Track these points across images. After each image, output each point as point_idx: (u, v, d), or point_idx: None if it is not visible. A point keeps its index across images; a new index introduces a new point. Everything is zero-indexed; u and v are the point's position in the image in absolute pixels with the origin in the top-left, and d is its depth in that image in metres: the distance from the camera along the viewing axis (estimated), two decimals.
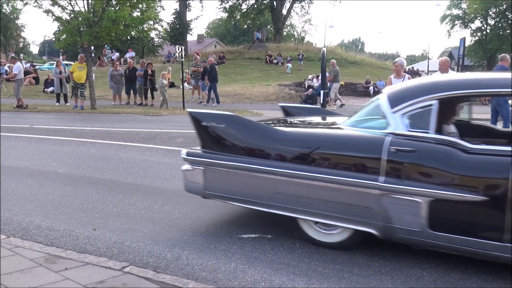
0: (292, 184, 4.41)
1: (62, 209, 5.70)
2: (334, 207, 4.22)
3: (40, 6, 19.03)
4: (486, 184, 3.64)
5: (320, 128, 5.14)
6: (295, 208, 4.46)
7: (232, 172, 4.72)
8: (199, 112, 5.00)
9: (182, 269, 3.99)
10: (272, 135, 4.62)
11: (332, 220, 4.29)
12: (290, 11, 52.77)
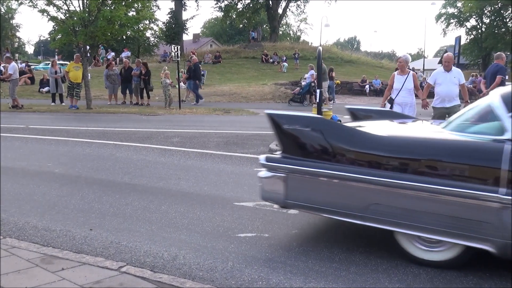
0: (392, 194, 4.00)
1: (59, 209, 5.68)
2: (443, 221, 3.79)
3: (35, 6, 18.98)
4: None
5: (419, 133, 4.69)
6: (394, 221, 4.02)
7: (319, 180, 4.34)
8: (280, 114, 4.60)
9: (179, 269, 3.99)
10: (367, 140, 4.21)
11: (440, 236, 3.86)
12: (286, 10, 52.79)
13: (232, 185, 6.90)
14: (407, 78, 9.50)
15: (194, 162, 8.57)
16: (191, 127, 13.33)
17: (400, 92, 9.51)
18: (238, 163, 8.49)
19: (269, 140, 10.39)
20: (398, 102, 9.49)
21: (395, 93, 9.59)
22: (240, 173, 7.69)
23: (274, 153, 4.81)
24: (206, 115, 17.45)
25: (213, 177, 7.42)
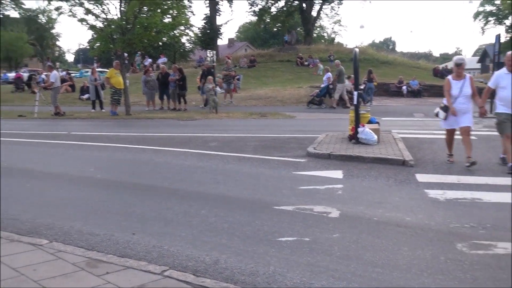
0: None
1: (101, 214, 5.79)
2: None
3: (75, 15, 19.43)
4: None
5: None
6: None
7: None
8: None
9: (221, 273, 4.00)
10: None
11: None
12: (319, 13, 52.46)
13: (270, 189, 6.90)
14: (465, 83, 8.49)
15: (232, 166, 8.60)
16: (228, 131, 13.39)
17: (458, 99, 8.50)
18: (276, 166, 8.47)
19: (307, 143, 10.35)
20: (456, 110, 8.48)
21: (451, 100, 8.56)
22: (278, 177, 7.68)
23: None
24: (243, 119, 17.50)
25: (252, 181, 7.43)
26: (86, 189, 7.06)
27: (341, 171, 8.04)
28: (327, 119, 17.65)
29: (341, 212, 5.70)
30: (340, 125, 13.33)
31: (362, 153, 9.10)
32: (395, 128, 13.25)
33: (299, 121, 16.97)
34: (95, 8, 19.27)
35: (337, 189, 6.86)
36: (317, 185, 7.08)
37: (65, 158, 9.74)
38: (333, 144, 10.25)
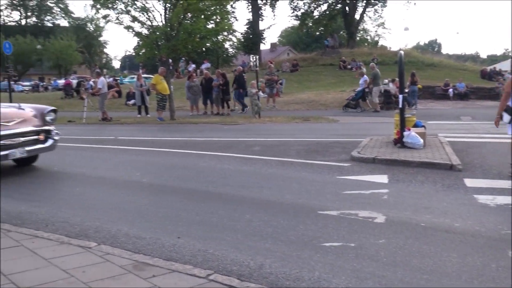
0: None
1: (148, 217, 5.88)
2: None
3: (121, 23, 19.89)
4: None
5: None
6: None
7: None
8: None
9: (266, 278, 4.00)
10: None
11: None
12: (362, 16, 52.00)
13: (314, 193, 6.85)
14: None
15: (275, 170, 8.59)
16: (271, 136, 13.40)
17: None
18: (320, 171, 8.41)
19: (350, 148, 10.23)
20: None
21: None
22: (322, 181, 7.62)
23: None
24: (285, 123, 17.48)
25: (295, 185, 7.40)
26: (133, 193, 7.19)
27: (386, 175, 7.91)
28: (371, 122, 17.43)
29: (387, 217, 5.60)
30: (385, 129, 13.13)
31: (408, 157, 8.93)
32: (442, 131, 12.96)
33: (342, 125, 16.82)
34: (141, 15, 19.69)
35: (382, 194, 6.76)
36: (362, 189, 6.99)
37: (112, 163, 9.96)
38: (378, 148, 10.10)
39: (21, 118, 8.58)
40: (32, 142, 8.65)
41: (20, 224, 5.57)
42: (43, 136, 8.83)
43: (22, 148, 8.37)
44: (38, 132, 8.77)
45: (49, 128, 9.00)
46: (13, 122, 8.35)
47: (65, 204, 6.50)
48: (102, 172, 8.87)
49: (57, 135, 9.14)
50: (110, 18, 20.49)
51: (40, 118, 8.91)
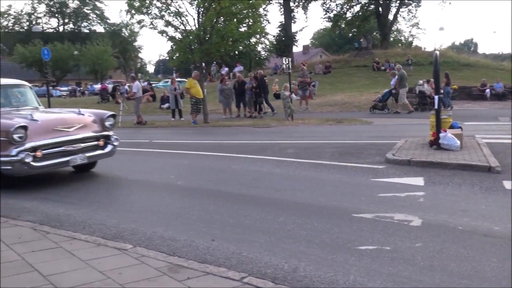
0: None
1: (182, 219, 5.93)
2: None
3: (156, 28, 20.15)
4: None
5: None
6: None
7: None
8: None
9: (300, 281, 3.97)
10: None
11: None
12: (396, 16, 51.35)
13: (349, 196, 6.79)
14: None
15: (309, 172, 8.55)
16: (305, 138, 13.35)
17: None
18: (354, 173, 8.33)
19: (385, 150, 10.10)
20: None
21: None
22: (356, 184, 7.54)
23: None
24: (319, 125, 17.39)
25: (329, 188, 7.35)
26: (167, 196, 7.27)
27: (422, 178, 7.78)
28: (405, 124, 17.17)
29: (423, 220, 5.51)
30: (420, 131, 12.92)
31: (444, 159, 8.76)
32: (479, 133, 12.65)
33: (376, 127, 16.63)
34: (174, 20, 19.91)
35: (418, 196, 6.64)
36: (397, 192, 6.89)
37: (147, 166, 10.09)
38: (413, 150, 9.94)
39: (81, 124, 8.45)
40: (92, 148, 8.54)
41: (58, 226, 5.70)
42: (103, 142, 8.72)
43: (83, 154, 8.25)
44: (98, 138, 8.65)
45: (108, 133, 8.86)
46: (73, 128, 8.26)
47: (101, 207, 6.61)
48: (138, 175, 8.99)
49: (117, 140, 9.01)
50: (145, 23, 20.79)
51: (99, 123, 8.78)
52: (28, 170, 7.60)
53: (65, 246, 4.84)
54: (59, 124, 8.17)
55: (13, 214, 6.30)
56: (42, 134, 7.77)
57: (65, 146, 8.01)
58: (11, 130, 7.33)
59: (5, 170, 7.53)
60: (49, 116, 8.69)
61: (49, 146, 7.81)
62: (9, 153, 7.38)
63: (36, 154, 7.56)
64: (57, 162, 7.99)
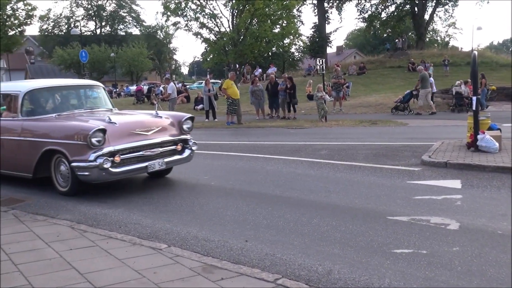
0: None
1: (216, 220, 5.96)
2: None
3: (190, 29, 20.37)
4: None
5: None
6: None
7: None
8: None
9: (335, 284, 3.94)
10: None
11: None
12: (432, 16, 50.46)
13: (384, 198, 6.70)
14: None
15: (343, 174, 8.48)
16: (338, 140, 13.24)
17: None
18: (389, 175, 8.22)
19: (421, 152, 9.94)
20: None
21: None
22: (392, 186, 7.44)
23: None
24: (353, 127, 17.24)
25: (364, 190, 7.26)
26: (201, 196, 7.30)
27: (459, 180, 7.62)
28: (441, 126, 16.87)
29: (460, 224, 5.39)
30: (456, 132, 12.67)
31: (483, 162, 8.56)
32: None
33: (412, 128, 16.38)
34: (209, 22, 20.10)
35: (455, 199, 6.51)
36: (433, 195, 6.76)
37: (180, 166, 10.12)
38: (450, 152, 9.75)
39: (159, 127, 7.89)
40: (170, 153, 8.00)
41: (95, 225, 5.81)
42: (181, 146, 8.18)
43: (161, 160, 7.72)
44: (176, 142, 8.12)
45: (186, 137, 8.29)
46: (152, 131, 7.71)
47: (136, 206, 6.69)
48: (171, 175, 9.06)
49: (195, 144, 8.41)
50: (180, 25, 21.05)
51: (177, 126, 8.22)
52: (106, 176, 7.10)
53: (101, 245, 4.93)
54: (138, 127, 7.63)
55: (52, 213, 6.46)
56: (120, 138, 7.28)
57: (143, 151, 7.50)
58: (90, 133, 6.83)
59: (82, 176, 7.09)
60: (126, 119, 8.20)
61: (127, 150, 7.31)
62: (86, 158, 6.91)
63: (114, 159, 7.08)
64: (136, 168, 7.48)
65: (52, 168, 7.54)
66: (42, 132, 7.59)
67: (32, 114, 8.04)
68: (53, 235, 5.32)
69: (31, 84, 8.72)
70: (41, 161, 7.51)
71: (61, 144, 7.18)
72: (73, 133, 7.12)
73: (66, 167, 7.27)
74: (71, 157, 7.05)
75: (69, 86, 9.13)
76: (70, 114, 8.15)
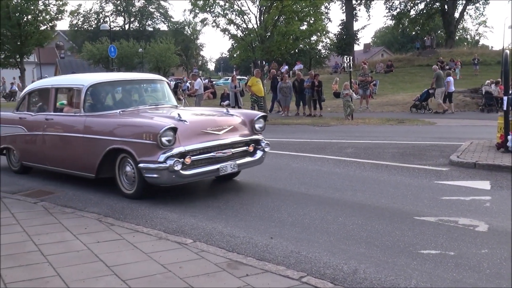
0: None
1: (241, 216, 5.97)
2: None
3: (218, 25, 20.43)
4: None
5: None
6: None
7: None
8: None
9: (360, 283, 3.91)
10: None
11: None
12: (463, 14, 49.65)
13: (411, 198, 6.62)
14: None
15: (369, 173, 8.41)
16: (365, 138, 13.13)
17: None
18: (416, 175, 8.12)
19: (449, 151, 9.79)
20: None
21: None
22: (419, 186, 7.34)
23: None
24: (379, 125, 17.08)
25: (390, 189, 7.19)
26: (226, 192, 7.30)
27: (488, 181, 7.49)
28: (470, 125, 16.61)
29: (489, 226, 5.30)
30: (486, 132, 12.46)
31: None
32: None
33: (440, 128, 16.15)
34: (236, 18, 20.13)
35: (484, 201, 6.40)
36: (461, 196, 6.66)
37: None
38: (479, 152, 9.58)
39: (231, 126, 7.25)
40: (241, 155, 7.34)
41: (122, 219, 5.87)
42: (252, 147, 7.51)
43: (233, 162, 7.07)
44: (247, 143, 7.46)
45: (258, 137, 7.62)
46: (223, 130, 7.07)
47: (162, 201, 6.74)
48: None
49: (267, 146, 7.71)
50: (207, 21, 21.15)
51: (249, 125, 7.57)
52: (176, 179, 6.49)
53: (128, 238, 4.98)
54: (209, 126, 6.98)
55: (80, 206, 6.56)
56: (191, 138, 6.66)
57: (214, 152, 6.85)
58: (160, 132, 6.24)
59: (150, 179, 6.53)
60: (197, 117, 7.55)
61: (198, 151, 6.70)
62: (155, 159, 6.33)
63: (185, 160, 6.46)
64: (207, 171, 6.80)
65: (116, 169, 7.01)
66: (107, 130, 6.99)
67: (95, 110, 7.53)
68: (81, 227, 5.40)
69: (94, 78, 8.11)
70: (105, 161, 7.00)
71: (128, 143, 6.63)
72: (141, 131, 6.55)
73: (132, 168, 6.73)
74: (139, 158, 6.50)
75: (132, 81, 8.61)
76: (134, 110, 7.64)
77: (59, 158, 7.86)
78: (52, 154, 7.95)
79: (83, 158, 7.32)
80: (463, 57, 38.61)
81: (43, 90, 8.62)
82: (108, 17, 71.18)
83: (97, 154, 6.99)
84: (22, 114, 8.69)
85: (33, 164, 8.60)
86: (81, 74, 10.85)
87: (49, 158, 8.03)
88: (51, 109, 8.09)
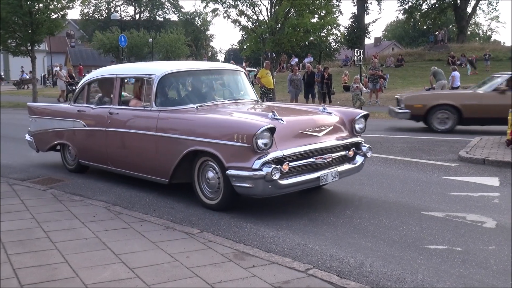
0: None
1: (248, 207, 5.94)
2: None
3: (229, 17, 20.40)
4: None
5: None
6: None
7: None
8: None
9: (366, 277, 3.92)
10: None
11: None
12: (475, 9, 49.24)
13: (419, 193, 6.60)
14: None
15: (377, 167, 8.39)
16: (373, 132, 13.06)
17: None
18: (425, 170, 8.09)
19: (458, 147, 9.75)
20: None
21: None
22: (427, 181, 7.32)
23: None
24: (388, 119, 16.99)
25: (398, 184, 7.18)
26: None
27: (497, 178, 7.45)
28: None
29: (497, 222, 5.28)
30: (495, 129, 12.37)
31: None
32: None
33: None
34: (247, 9, 20.09)
35: (493, 197, 6.37)
36: (470, 191, 6.64)
37: None
38: (489, 148, 9.53)
39: (330, 126, 6.10)
40: (340, 160, 6.18)
41: (130, 208, 5.91)
42: (352, 152, 6.33)
43: (334, 169, 5.92)
44: (347, 147, 6.27)
45: (359, 140, 6.46)
46: (323, 131, 5.95)
47: (170, 190, 6.74)
48: None
49: (369, 150, 6.52)
50: (218, 12, 21.10)
51: (348, 126, 6.41)
52: (272, 190, 5.35)
53: (136, 227, 5.01)
54: (308, 126, 5.85)
55: (89, 194, 6.60)
56: (288, 140, 5.56)
57: (314, 157, 5.71)
58: (257, 133, 5.15)
59: (241, 189, 5.45)
60: (293, 115, 6.29)
61: (296, 156, 5.56)
62: (249, 165, 5.25)
63: (282, 167, 5.33)
64: (307, 180, 5.65)
65: (195, 174, 6.00)
66: (187, 128, 5.95)
67: (169, 104, 6.46)
68: (89, 215, 5.44)
69: (167, 67, 6.90)
70: (181, 164, 6.01)
71: (213, 145, 5.55)
72: (231, 132, 5.43)
73: (216, 174, 5.71)
74: (227, 163, 5.41)
75: (209, 71, 7.46)
76: (213, 105, 6.59)
77: (125, 159, 6.92)
78: (116, 153, 7.01)
79: (155, 160, 6.34)
80: (475, 52, 38.36)
81: (106, 80, 7.61)
82: (119, 7, 71.16)
83: (173, 156, 6.00)
84: (81, 106, 7.63)
85: (92, 164, 7.65)
86: (149, 62, 9.79)
87: (112, 158, 7.08)
88: (115, 102, 7.05)
